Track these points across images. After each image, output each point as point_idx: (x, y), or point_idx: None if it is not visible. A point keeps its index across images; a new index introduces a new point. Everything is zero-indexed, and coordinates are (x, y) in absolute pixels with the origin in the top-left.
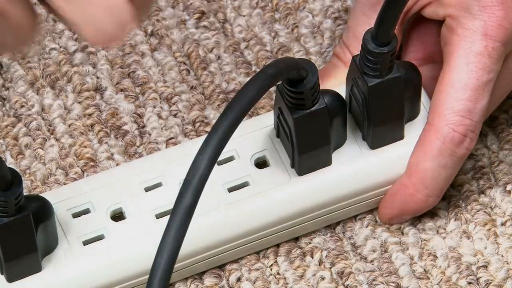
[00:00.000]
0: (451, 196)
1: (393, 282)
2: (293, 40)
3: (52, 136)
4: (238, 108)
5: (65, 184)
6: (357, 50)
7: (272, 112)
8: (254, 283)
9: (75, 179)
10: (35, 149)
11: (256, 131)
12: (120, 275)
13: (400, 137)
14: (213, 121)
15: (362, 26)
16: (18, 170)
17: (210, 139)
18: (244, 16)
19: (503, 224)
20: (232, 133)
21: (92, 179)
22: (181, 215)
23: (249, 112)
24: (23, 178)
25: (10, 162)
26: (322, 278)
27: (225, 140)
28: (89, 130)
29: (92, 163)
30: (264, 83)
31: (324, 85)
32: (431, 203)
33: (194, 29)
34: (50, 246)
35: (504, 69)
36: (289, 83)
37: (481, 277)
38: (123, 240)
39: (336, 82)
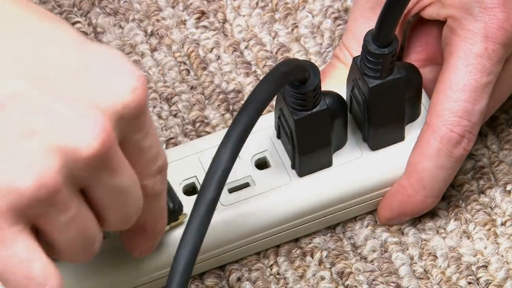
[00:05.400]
0: (451, 196)
1: (393, 282)
2: (293, 40)
3: None
4: (258, 101)
5: None
6: (357, 52)
7: (272, 113)
8: (254, 283)
9: None
10: None
11: (257, 132)
12: (118, 277)
13: (401, 138)
14: (213, 121)
15: (361, 28)
16: None
17: (232, 132)
18: (244, 16)
19: (503, 224)
20: (253, 126)
21: None
22: (204, 207)
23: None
24: None
25: None
26: (322, 278)
27: (246, 133)
28: None
29: None
30: (279, 80)
31: (325, 86)
32: (430, 204)
33: (194, 29)
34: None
35: (505, 71)
36: (291, 84)
37: (481, 277)
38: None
39: (337, 84)
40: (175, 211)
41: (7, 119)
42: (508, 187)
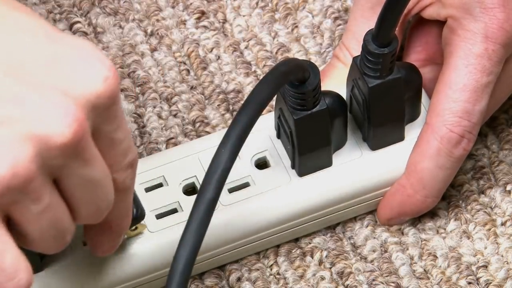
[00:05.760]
0: (451, 196)
1: (393, 282)
2: (293, 40)
3: None
4: (258, 101)
5: None
6: (356, 52)
7: (272, 113)
8: (254, 283)
9: None
10: None
11: (257, 131)
12: (119, 276)
13: (401, 138)
14: (213, 121)
15: (361, 28)
16: None
17: (231, 131)
18: (244, 16)
19: (503, 224)
20: (252, 126)
21: None
22: (204, 207)
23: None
24: None
25: None
26: (322, 278)
27: (246, 133)
28: None
29: None
30: (279, 79)
31: (325, 86)
32: (430, 204)
33: (194, 29)
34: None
35: (505, 71)
36: (291, 84)
37: (481, 277)
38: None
39: (337, 83)
40: (136, 217)
41: None
42: (508, 187)
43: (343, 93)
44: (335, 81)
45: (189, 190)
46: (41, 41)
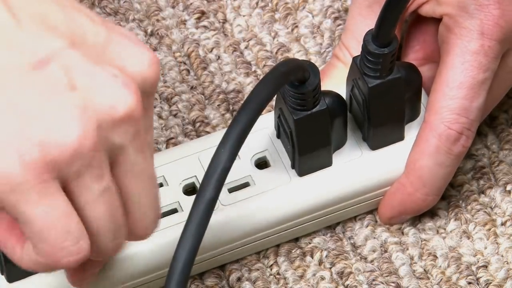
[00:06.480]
0: (451, 196)
1: (393, 282)
2: (293, 40)
3: None
4: (257, 101)
5: None
6: (356, 51)
7: (272, 113)
8: (254, 283)
9: None
10: None
11: (257, 131)
12: (119, 276)
13: (401, 138)
14: (213, 121)
15: (360, 27)
16: None
17: (231, 131)
18: (244, 16)
19: (503, 224)
20: (252, 126)
21: None
22: (203, 207)
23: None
24: None
25: None
26: (322, 278)
27: (245, 133)
28: None
29: None
30: (278, 80)
31: (324, 85)
32: (430, 202)
33: (194, 29)
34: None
35: (502, 67)
36: (291, 84)
37: (481, 277)
38: None
39: (337, 83)
40: None
41: (51, 74)
42: (508, 187)
43: (343, 92)
44: (335, 80)
45: (189, 190)
46: (97, 23)
